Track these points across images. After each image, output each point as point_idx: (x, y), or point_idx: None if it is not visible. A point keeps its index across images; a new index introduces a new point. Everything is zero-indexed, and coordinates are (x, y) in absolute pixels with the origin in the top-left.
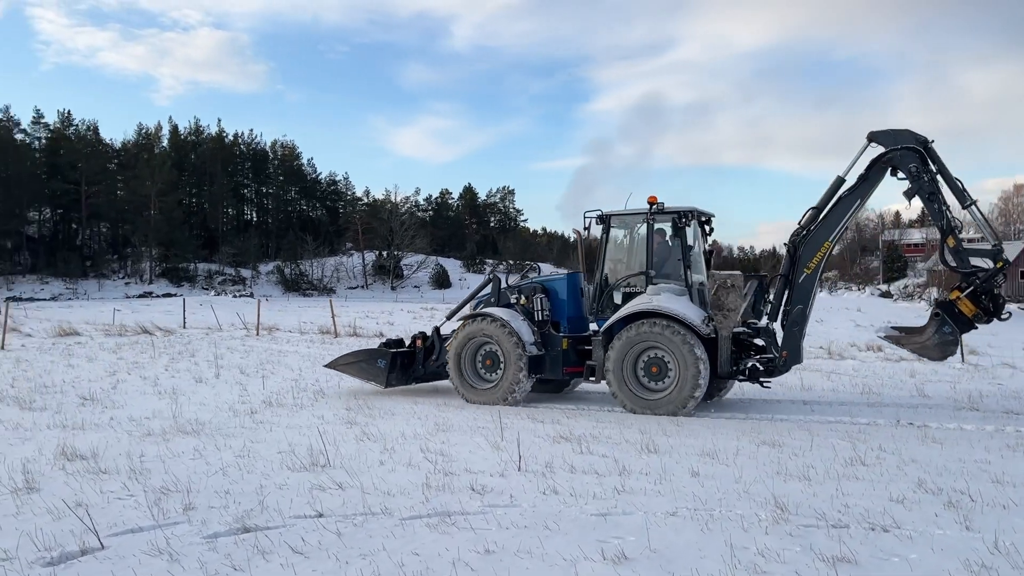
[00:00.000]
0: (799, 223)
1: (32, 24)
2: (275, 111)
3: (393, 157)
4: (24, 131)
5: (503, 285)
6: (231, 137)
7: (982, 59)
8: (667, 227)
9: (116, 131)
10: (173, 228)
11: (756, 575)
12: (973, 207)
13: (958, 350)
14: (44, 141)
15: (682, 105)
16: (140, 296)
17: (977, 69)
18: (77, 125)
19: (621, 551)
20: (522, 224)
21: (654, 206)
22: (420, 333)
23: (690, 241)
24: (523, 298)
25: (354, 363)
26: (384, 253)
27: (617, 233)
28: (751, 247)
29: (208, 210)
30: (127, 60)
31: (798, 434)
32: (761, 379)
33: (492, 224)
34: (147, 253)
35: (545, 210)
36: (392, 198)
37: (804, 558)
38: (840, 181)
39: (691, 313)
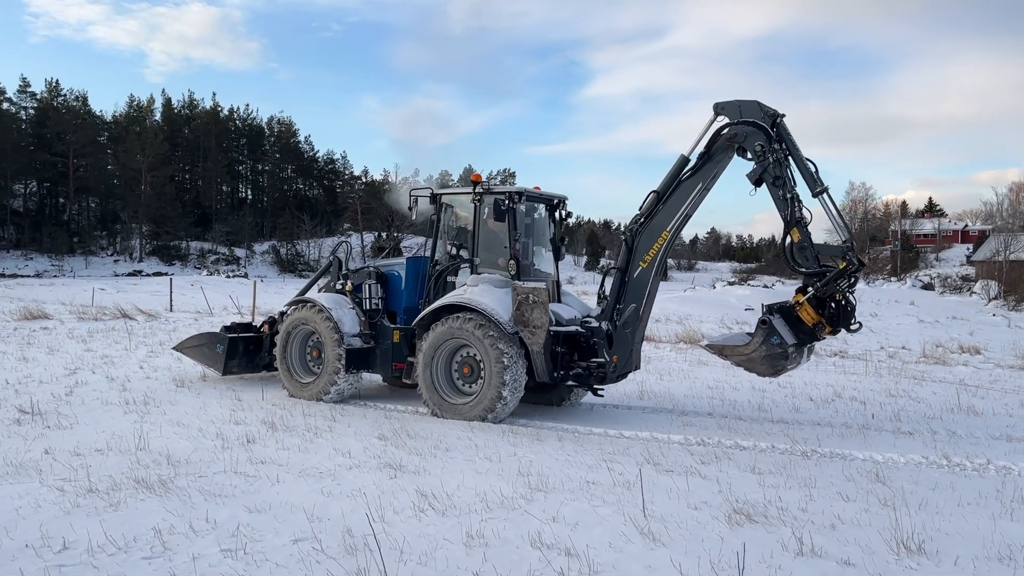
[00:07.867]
0: (639, 209)
1: None
2: (269, 89)
3: (389, 138)
4: (10, 100)
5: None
6: (226, 112)
7: (973, 49)
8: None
9: (107, 103)
10: (164, 204)
11: None
12: (824, 195)
13: (803, 362)
14: (31, 112)
15: (680, 92)
16: (129, 275)
17: (968, 60)
18: (65, 95)
19: None
20: None
21: (479, 186)
22: (270, 317)
23: (521, 227)
24: (349, 284)
25: (196, 347)
26: (383, 234)
27: (449, 215)
28: (749, 236)
29: (201, 187)
30: (119, 34)
31: None
32: (594, 386)
33: None
34: (137, 230)
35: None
36: (391, 179)
37: None
38: (684, 161)
39: (501, 308)
